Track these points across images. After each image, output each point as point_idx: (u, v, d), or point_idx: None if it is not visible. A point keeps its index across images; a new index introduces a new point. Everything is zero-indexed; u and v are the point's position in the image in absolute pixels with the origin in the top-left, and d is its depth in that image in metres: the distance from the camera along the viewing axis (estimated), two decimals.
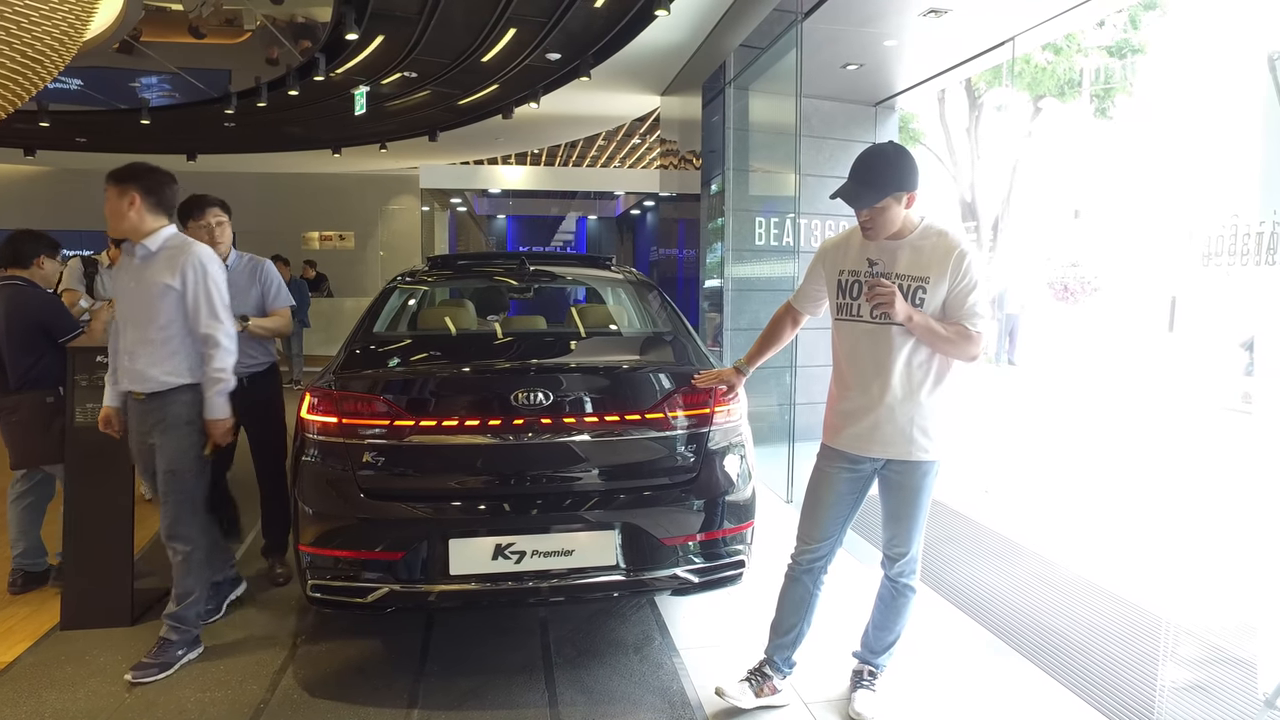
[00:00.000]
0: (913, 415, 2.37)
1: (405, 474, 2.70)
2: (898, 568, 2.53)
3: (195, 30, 6.63)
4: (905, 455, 2.40)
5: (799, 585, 2.57)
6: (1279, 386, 2.32)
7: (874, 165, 2.30)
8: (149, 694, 2.65)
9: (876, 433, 2.40)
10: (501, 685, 2.72)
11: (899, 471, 2.44)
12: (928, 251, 2.34)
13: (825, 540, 2.53)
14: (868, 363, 2.39)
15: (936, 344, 2.33)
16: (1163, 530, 4.71)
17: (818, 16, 5.02)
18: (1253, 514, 2.42)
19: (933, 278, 2.32)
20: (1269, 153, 2.23)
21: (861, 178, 2.30)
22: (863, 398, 2.40)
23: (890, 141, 2.39)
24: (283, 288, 3.64)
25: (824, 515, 2.52)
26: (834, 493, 2.50)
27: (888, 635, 2.60)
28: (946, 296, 2.33)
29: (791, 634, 2.59)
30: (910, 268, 2.35)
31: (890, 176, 2.27)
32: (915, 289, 2.33)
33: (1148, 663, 2.91)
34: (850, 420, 2.44)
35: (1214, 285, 2.45)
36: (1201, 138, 10.54)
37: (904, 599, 2.55)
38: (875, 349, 2.37)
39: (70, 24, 3.30)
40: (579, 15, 6.28)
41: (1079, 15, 4.96)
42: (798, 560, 2.58)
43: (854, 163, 2.33)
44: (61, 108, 9.28)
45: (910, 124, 15.61)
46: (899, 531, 2.49)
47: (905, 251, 2.36)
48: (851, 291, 2.42)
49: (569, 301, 5.15)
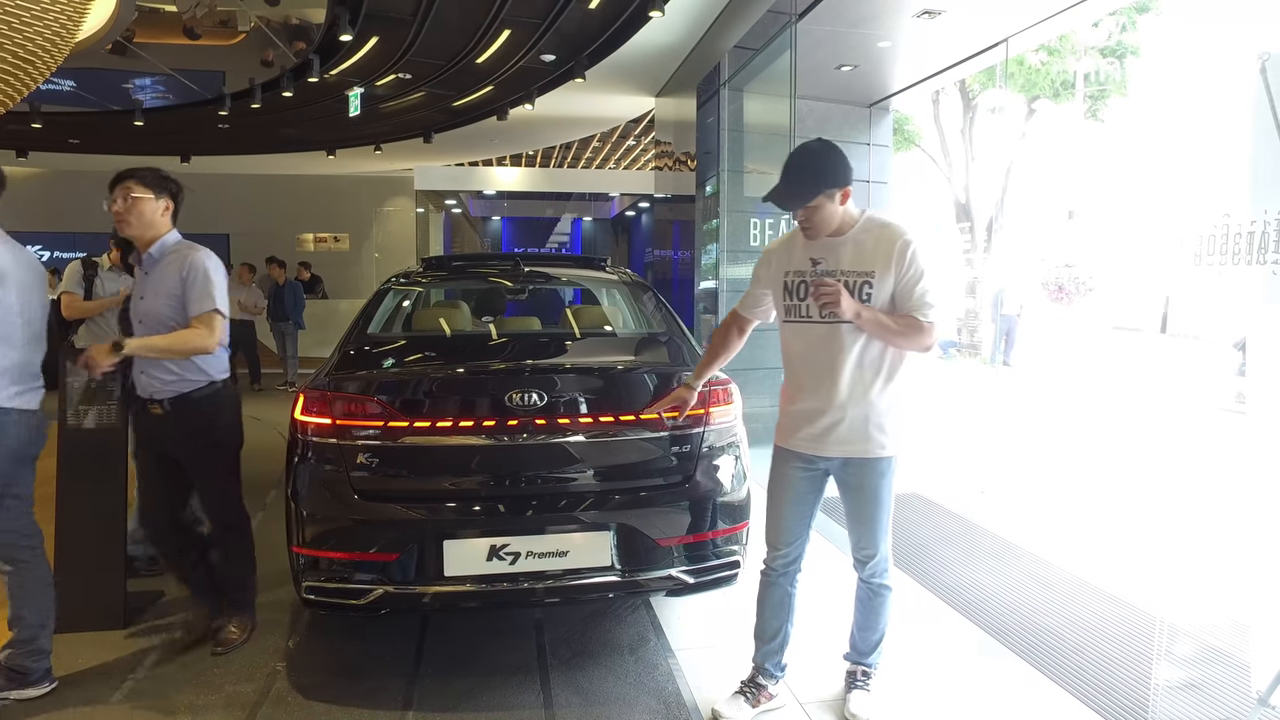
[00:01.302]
0: (868, 413, 2.35)
1: (400, 475, 2.69)
2: (869, 569, 2.50)
3: (190, 31, 6.61)
4: (863, 453, 2.37)
5: (776, 589, 2.55)
6: (1271, 386, 2.33)
7: (803, 165, 2.28)
8: (140, 697, 2.63)
9: (833, 433, 2.37)
10: (496, 686, 2.71)
11: (857, 471, 2.41)
12: (871, 245, 2.32)
13: (794, 543, 2.51)
14: (820, 363, 2.36)
15: (888, 338, 2.31)
16: (1157, 529, 4.72)
17: (812, 18, 5.03)
18: (1246, 513, 2.43)
19: (878, 272, 2.30)
20: (1259, 153, 2.24)
21: (791, 179, 2.28)
22: (817, 398, 2.37)
23: (818, 139, 2.34)
24: (211, 287, 2.79)
25: (788, 518, 2.49)
26: (794, 494, 2.48)
27: (873, 635, 2.58)
28: (894, 289, 2.31)
29: (777, 638, 2.57)
30: (855, 263, 2.32)
31: (820, 174, 2.25)
32: (861, 284, 2.30)
33: (1142, 661, 2.92)
34: (805, 421, 2.41)
35: (1206, 285, 2.46)
36: (1194, 138, 10.60)
37: (881, 598, 2.53)
38: (827, 348, 2.34)
39: (62, 25, 3.29)
40: (573, 17, 6.28)
41: (1072, 16, 4.98)
42: (771, 565, 2.55)
43: (784, 164, 2.31)
44: (54, 109, 9.25)
45: (905, 125, 15.63)
46: (865, 533, 2.46)
47: (848, 247, 2.34)
48: (798, 292, 2.38)
49: (564, 302, 5.15)
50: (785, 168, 2.30)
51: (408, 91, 8.75)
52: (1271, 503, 2.34)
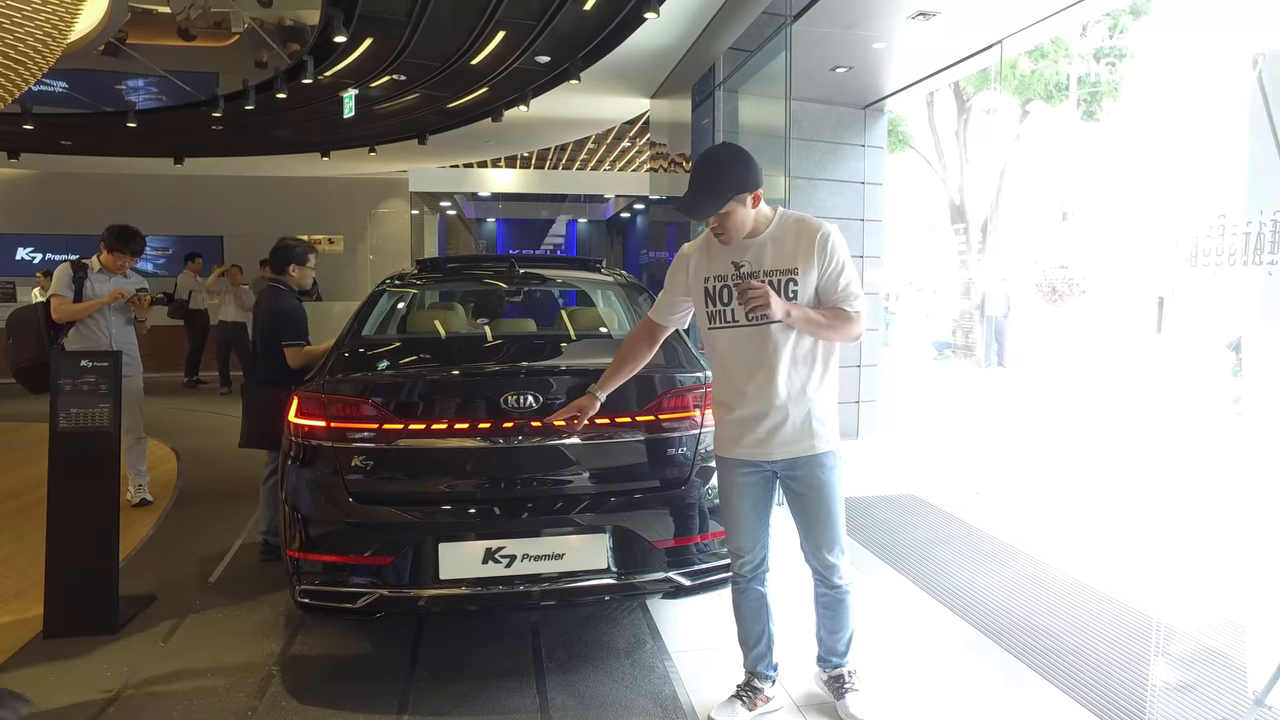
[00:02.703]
0: (808, 409, 2.33)
1: (394, 478, 2.68)
2: (826, 571, 2.46)
3: (184, 33, 6.58)
4: (809, 450, 2.35)
5: (749, 594, 2.52)
6: (1267, 387, 2.33)
7: (710, 172, 2.26)
8: (134, 703, 2.61)
9: (776, 435, 2.34)
10: (492, 690, 2.70)
11: (803, 472, 2.38)
12: (790, 242, 2.30)
13: (756, 546, 2.49)
14: (754, 366, 2.33)
15: (818, 332, 2.29)
16: (1153, 530, 4.73)
17: (807, 19, 5.03)
18: (1242, 513, 2.43)
19: (801, 267, 2.29)
20: (1255, 153, 2.24)
21: (699, 186, 2.25)
22: (758, 402, 2.33)
23: (724, 143, 2.35)
24: None
25: (746, 524, 2.47)
26: (748, 500, 2.45)
27: (843, 635, 2.56)
28: (819, 283, 2.30)
29: (762, 641, 2.55)
30: (777, 262, 2.31)
31: (729, 180, 2.22)
32: (786, 282, 2.29)
33: (1139, 662, 2.92)
34: (746, 428, 2.37)
35: (1202, 286, 2.46)
36: (1189, 139, 10.64)
37: (843, 599, 2.50)
38: (758, 351, 2.31)
39: (54, 25, 3.26)
40: (568, 18, 6.27)
41: (1067, 18, 4.99)
42: (739, 573, 2.52)
43: (690, 171, 2.28)
44: (46, 111, 9.19)
45: (899, 127, 15.67)
46: (821, 534, 2.42)
47: (769, 247, 2.32)
48: (722, 297, 2.35)
49: (558, 304, 5.13)
50: (692, 175, 2.27)
51: (402, 93, 8.72)
52: (1267, 503, 2.34)
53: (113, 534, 3.18)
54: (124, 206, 11.89)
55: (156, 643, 3.04)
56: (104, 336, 4.41)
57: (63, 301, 4.26)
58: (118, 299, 4.44)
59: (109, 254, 4.45)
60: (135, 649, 2.98)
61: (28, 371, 4.02)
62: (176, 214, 13.99)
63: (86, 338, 4.36)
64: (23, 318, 4.22)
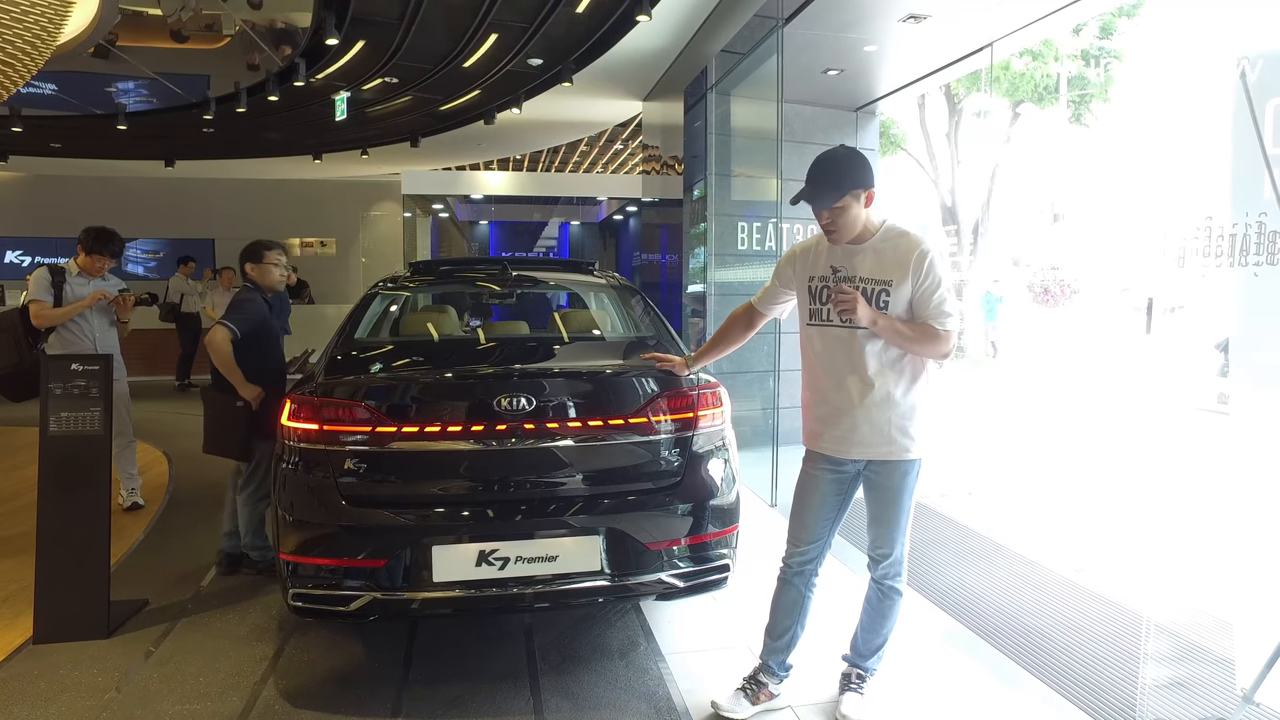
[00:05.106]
0: (889, 415, 2.40)
1: (387, 481, 2.68)
2: (882, 569, 2.54)
3: (175, 35, 6.56)
4: (885, 456, 2.42)
5: (791, 588, 2.58)
6: (1253, 386, 2.35)
7: (829, 167, 2.36)
8: (126, 708, 2.60)
9: (855, 435, 2.42)
10: (486, 692, 2.70)
11: (879, 472, 2.46)
12: (889, 254, 2.38)
13: (814, 543, 2.54)
14: (841, 366, 2.42)
15: (904, 344, 2.37)
16: (1142, 529, 4.76)
17: (798, 22, 5.05)
18: (1229, 512, 2.45)
19: (895, 280, 2.36)
20: (1239, 156, 2.26)
21: (819, 179, 2.36)
22: (839, 401, 2.43)
23: (842, 145, 2.45)
24: None
25: (811, 518, 2.53)
26: (819, 495, 2.52)
27: (875, 638, 2.60)
28: (912, 297, 2.37)
29: (786, 637, 2.59)
30: (873, 271, 2.38)
31: (846, 176, 2.33)
32: (879, 292, 2.37)
33: (1129, 660, 2.94)
34: (828, 424, 2.47)
35: (1189, 286, 2.48)
36: (1177, 142, 10.71)
37: (890, 601, 2.56)
38: (847, 352, 2.41)
39: (44, 27, 3.25)
40: (560, 20, 6.27)
41: (1057, 20, 5.02)
42: (788, 563, 2.59)
43: (810, 168, 2.39)
44: (35, 113, 9.14)
45: (891, 129, 15.74)
46: (882, 533, 2.50)
47: (868, 255, 2.40)
48: (821, 297, 2.46)
49: (552, 306, 5.13)
50: (811, 171, 2.39)
51: (394, 95, 8.71)
52: (1254, 501, 2.36)
53: (104, 538, 3.17)
54: (115, 209, 11.84)
55: (148, 647, 3.03)
56: (87, 340, 4.35)
57: (43, 307, 4.17)
58: (100, 300, 4.39)
59: (87, 256, 4.35)
60: (127, 654, 2.96)
61: (5, 379, 3.98)
62: (168, 217, 13.94)
63: (69, 342, 4.28)
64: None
